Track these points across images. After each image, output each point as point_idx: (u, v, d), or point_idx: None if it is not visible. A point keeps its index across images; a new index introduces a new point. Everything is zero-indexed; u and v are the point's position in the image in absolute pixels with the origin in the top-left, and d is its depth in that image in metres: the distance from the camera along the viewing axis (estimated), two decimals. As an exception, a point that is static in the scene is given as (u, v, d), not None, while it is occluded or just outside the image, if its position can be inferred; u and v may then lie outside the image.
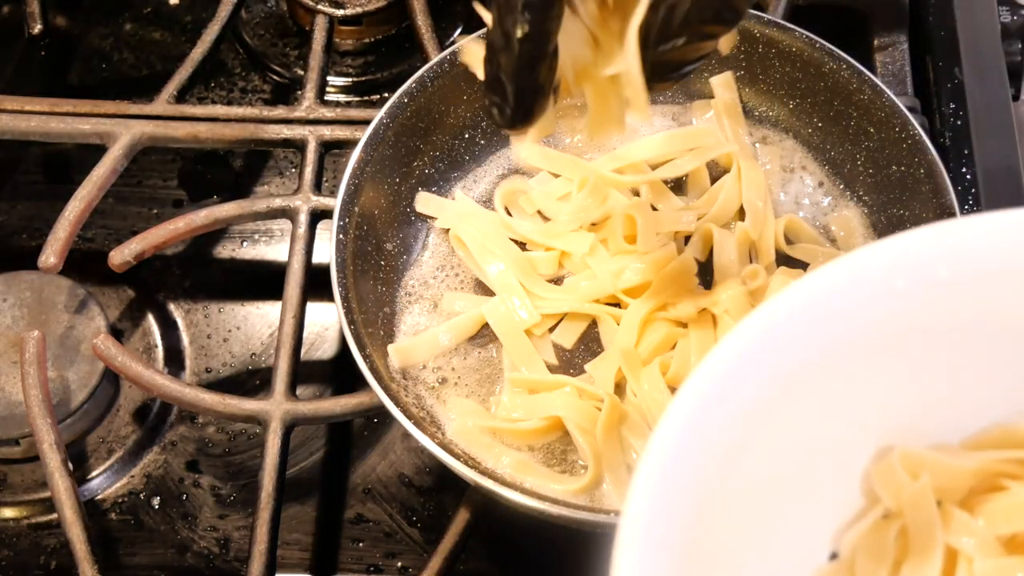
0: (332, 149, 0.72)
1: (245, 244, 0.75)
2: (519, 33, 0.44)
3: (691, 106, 0.70)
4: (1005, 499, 0.40)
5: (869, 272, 0.39)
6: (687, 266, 0.62)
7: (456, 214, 0.66)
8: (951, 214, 0.60)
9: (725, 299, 0.61)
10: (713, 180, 0.67)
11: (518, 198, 0.67)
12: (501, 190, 0.68)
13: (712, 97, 0.69)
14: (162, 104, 0.73)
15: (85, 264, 0.72)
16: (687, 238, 0.65)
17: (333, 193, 0.64)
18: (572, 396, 0.59)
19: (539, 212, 0.67)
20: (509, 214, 0.67)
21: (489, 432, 0.59)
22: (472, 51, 0.50)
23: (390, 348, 0.61)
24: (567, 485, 0.57)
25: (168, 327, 0.72)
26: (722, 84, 0.69)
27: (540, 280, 0.64)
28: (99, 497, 0.66)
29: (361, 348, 0.58)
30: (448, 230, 0.66)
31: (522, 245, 0.65)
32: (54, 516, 0.63)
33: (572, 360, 0.62)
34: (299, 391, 0.64)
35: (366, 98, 0.82)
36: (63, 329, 0.68)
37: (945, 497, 0.41)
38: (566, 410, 0.58)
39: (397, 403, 0.56)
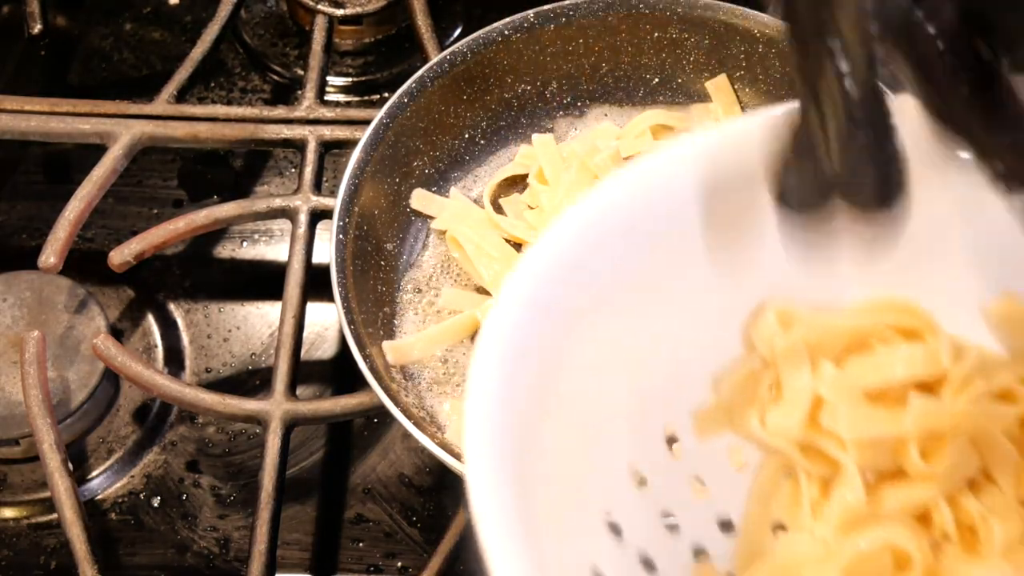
0: (332, 149, 0.72)
1: (245, 244, 0.75)
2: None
3: (690, 108, 0.70)
4: (873, 357, 0.42)
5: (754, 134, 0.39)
6: None
7: (452, 215, 0.66)
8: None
9: None
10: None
11: (510, 193, 0.68)
12: (489, 186, 0.68)
13: (710, 100, 0.70)
14: (162, 104, 0.73)
15: (85, 264, 0.72)
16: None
17: (333, 193, 0.64)
18: None
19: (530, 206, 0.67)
20: (501, 211, 0.67)
21: None
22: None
23: (385, 345, 0.61)
24: None
25: (168, 327, 0.72)
26: (718, 87, 0.69)
27: None
28: (99, 497, 0.66)
29: (361, 348, 0.58)
30: (445, 231, 0.66)
31: (519, 245, 0.65)
32: (54, 516, 0.63)
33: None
34: (299, 391, 0.64)
35: (366, 98, 0.82)
36: (63, 329, 0.68)
37: (818, 353, 0.42)
38: None
39: (397, 403, 0.56)
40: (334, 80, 0.82)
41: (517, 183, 0.69)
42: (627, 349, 0.41)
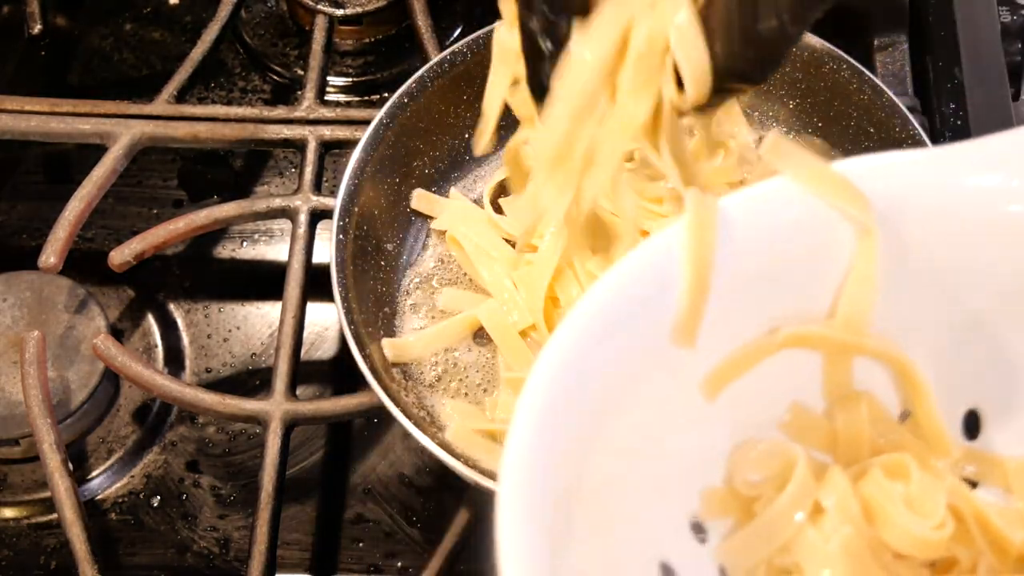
0: (332, 149, 0.72)
1: (245, 244, 0.75)
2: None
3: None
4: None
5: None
6: None
7: (452, 215, 0.66)
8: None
9: None
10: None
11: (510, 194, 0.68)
12: (489, 187, 0.68)
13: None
14: (162, 104, 0.73)
15: (85, 264, 0.72)
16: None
17: (333, 193, 0.64)
18: None
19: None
20: (501, 211, 0.67)
21: (487, 435, 0.59)
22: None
23: (384, 342, 0.61)
24: None
25: (168, 327, 0.72)
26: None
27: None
28: (99, 497, 0.66)
29: (361, 348, 0.58)
30: (445, 231, 0.66)
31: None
32: (54, 516, 0.63)
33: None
34: (299, 391, 0.64)
35: (366, 98, 0.82)
36: (63, 329, 0.68)
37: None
38: None
39: (397, 403, 0.56)
40: (334, 80, 0.82)
41: (517, 183, 0.69)
42: (641, 436, 0.39)
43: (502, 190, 0.68)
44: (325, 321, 0.71)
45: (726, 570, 0.41)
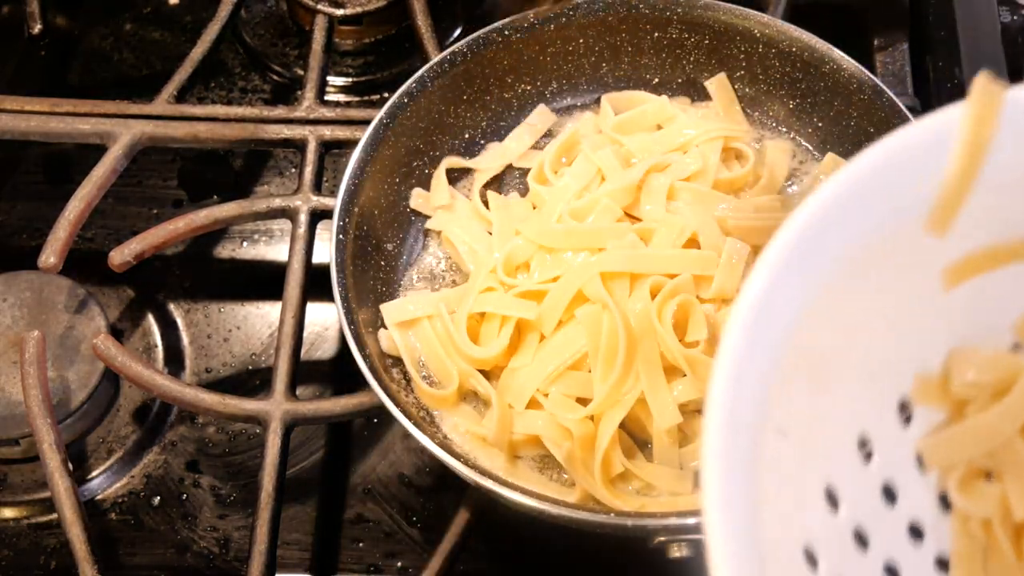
0: (332, 149, 0.72)
1: (245, 244, 0.75)
2: None
3: (687, 110, 0.70)
4: None
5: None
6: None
7: (446, 215, 0.66)
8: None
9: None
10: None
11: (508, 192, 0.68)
12: (478, 184, 0.68)
13: (710, 99, 0.70)
14: (162, 104, 0.73)
15: (85, 264, 0.72)
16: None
17: (333, 193, 0.64)
18: (551, 418, 0.58)
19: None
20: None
21: (479, 439, 0.59)
22: None
23: (381, 333, 0.61)
24: (561, 495, 0.57)
25: (168, 327, 0.72)
26: (718, 86, 0.69)
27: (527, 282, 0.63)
28: (99, 497, 0.66)
29: (361, 348, 0.58)
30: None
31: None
32: (54, 516, 0.63)
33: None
34: (299, 391, 0.64)
35: (366, 98, 0.82)
36: (63, 329, 0.68)
37: None
38: (545, 430, 0.58)
39: (397, 403, 0.56)
40: (334, 80, 0.82)
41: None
42: (869, 311, 0.39)
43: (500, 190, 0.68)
44: (325, 321, 0.71)
45: (923, 458, 0.42)
